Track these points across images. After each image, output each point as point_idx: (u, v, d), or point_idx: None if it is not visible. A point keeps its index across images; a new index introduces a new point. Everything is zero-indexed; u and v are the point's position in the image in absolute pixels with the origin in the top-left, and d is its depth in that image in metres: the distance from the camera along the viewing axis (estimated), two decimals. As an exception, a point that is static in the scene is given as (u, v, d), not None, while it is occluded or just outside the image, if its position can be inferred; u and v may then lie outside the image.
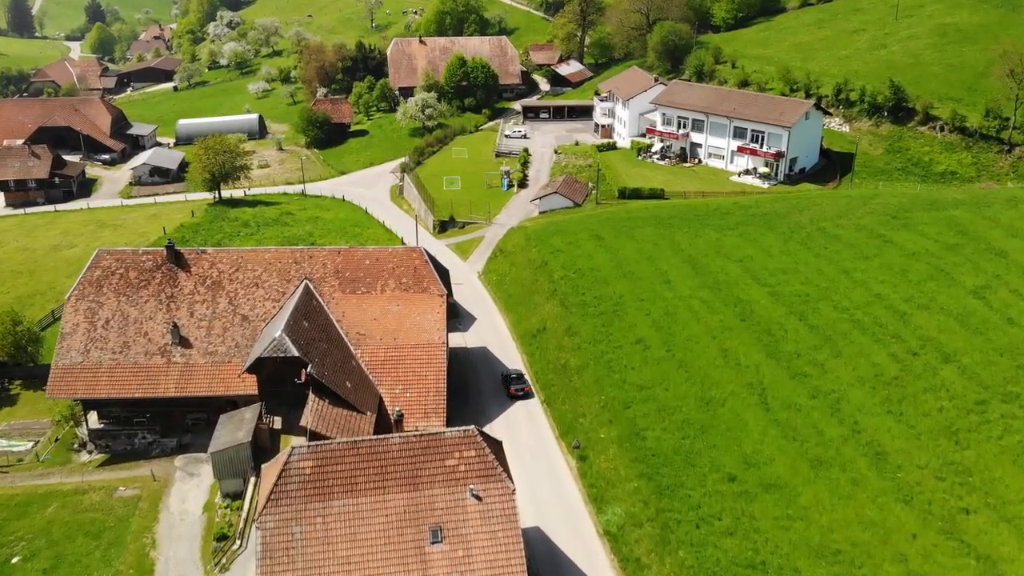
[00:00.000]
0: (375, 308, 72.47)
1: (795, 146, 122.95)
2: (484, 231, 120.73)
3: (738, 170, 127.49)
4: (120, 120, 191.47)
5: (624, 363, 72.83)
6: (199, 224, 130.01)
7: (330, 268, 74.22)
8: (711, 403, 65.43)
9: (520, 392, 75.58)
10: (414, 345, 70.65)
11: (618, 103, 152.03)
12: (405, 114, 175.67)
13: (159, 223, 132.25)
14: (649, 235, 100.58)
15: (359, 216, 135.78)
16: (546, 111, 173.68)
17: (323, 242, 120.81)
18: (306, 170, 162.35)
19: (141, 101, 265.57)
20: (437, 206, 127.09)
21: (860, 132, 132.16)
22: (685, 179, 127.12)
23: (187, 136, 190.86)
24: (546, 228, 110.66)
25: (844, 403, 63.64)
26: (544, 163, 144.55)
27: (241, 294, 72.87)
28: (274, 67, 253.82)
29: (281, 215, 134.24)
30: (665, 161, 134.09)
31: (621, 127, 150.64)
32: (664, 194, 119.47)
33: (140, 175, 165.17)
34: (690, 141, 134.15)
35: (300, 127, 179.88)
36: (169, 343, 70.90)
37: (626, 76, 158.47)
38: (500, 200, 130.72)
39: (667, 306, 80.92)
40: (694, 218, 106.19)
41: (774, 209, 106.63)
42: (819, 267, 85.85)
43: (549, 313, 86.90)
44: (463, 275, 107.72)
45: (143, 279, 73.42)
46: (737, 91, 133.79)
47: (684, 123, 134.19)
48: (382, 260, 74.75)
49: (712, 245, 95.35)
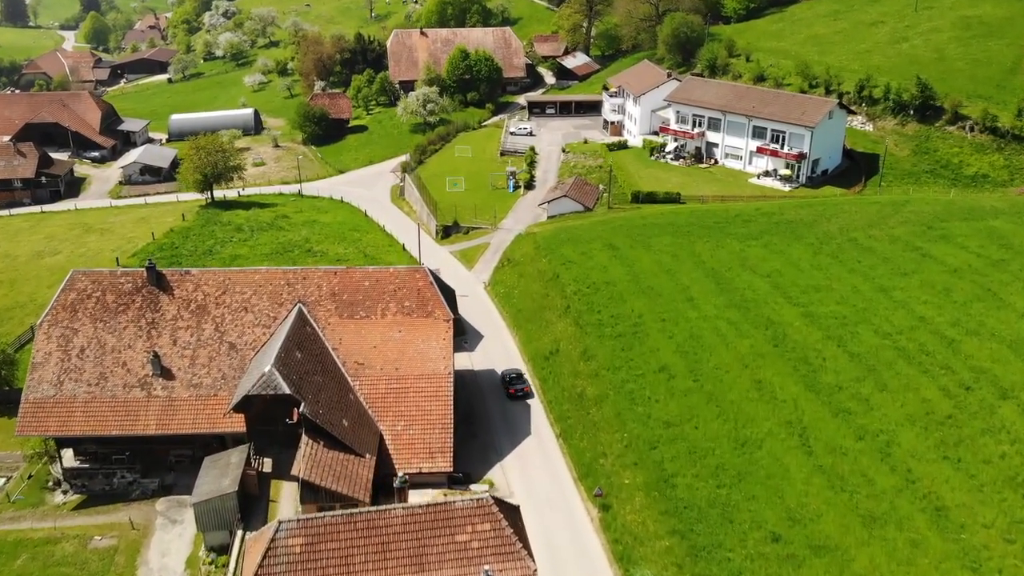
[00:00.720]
0: (375, 335, 66.27)
1: (818, 147, 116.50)
2: (490, 237, 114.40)
3: (757, 172, 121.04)
4: (110, 115, 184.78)
5: (647, 394, 66.61)
6: (190, 228, 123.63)
7: (326, 290, 67.95)
8: (747, 444, 59.23)
9: (520, 392, 74.16)
10: (418, 376, 64.48)
11: (628, 99, 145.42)
12: (406, 109, 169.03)
13: (148, 227, 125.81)
14: (667, 245, 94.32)
15: (358, 219, 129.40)
16: (552, 106, 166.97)
17: (320, 248, 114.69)
18: (303, 169, 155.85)
19: (135, 94, 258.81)
20: (440, 209, 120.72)
21: (884, 132, 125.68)
22: (701, 181, 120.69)
23: (180, 132, 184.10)
24: (556, 235, 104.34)
25: (894, 446, 57.49)
26: (551, 163, 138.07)
27: (228, 319, 66.63)
28: (271, 59, 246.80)
29: (276, 218, 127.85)
30: (680, 161, 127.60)
31: (632, 124, 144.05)
32: (680, 198, 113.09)
33: (130, 174, 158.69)
34: (706, 141, 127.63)
35: (297, 123, 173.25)
36: (150, 374, 64.74)
37: (637, 70, 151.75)
38: (506, 203, 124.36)
39: (691, 328, 74.67)
40: (714, 226, 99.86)
41: (799, 216, 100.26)
42: (854, 284, 79.56)
43: (562, 332, 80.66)
44: (468, 286, 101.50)
45: (121, 303, 67.16)
46: (756, 88, 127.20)
47: (700, 121, 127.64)
48: (382, 281, 68.46)
49: (736, 257, 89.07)
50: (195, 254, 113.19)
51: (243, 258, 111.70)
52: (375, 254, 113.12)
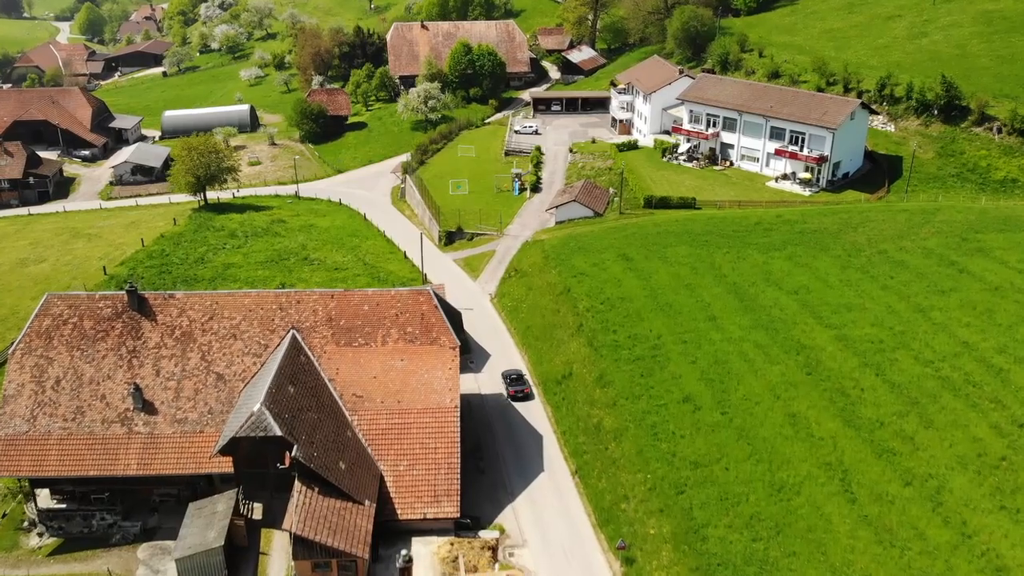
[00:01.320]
0: (375, 364, 61.02)
1: (839, 149, 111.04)
2: (495, 244, 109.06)
3: (775, 175, 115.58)
4: (102, 112, 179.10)
5: (671, 428, 61.40)
6: (181, 234, 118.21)
7: (321, 315, 62.64)
8: (784, 490, 54.05)
9: (520, 394, 73.92)
10: (421, 410, 59.28)
11: (638, 96, 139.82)
12: (407, 106, 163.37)
13: (138, 232, 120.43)
14: (684, 256, 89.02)
15: (357, 223, 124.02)
16: (558, 103, 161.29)
17: (317, 256, 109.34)
18: (300, 169, 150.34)
19: (128, 88, 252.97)
20: (443, 215, 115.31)
21: (907, 133, 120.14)
22: (717, 185, 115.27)
23: (173, 129, 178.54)
24: (565, 244, 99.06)
25: (945, 493, 52.33)
26: (559, 164, 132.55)
27: (216, 348, 61.34)
28: (268, 52, 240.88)
29: (272, 223, 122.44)
30: (693, 163, 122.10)
31: (642, 123, 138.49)
32: (696, 203, 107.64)
33: (121, 174, 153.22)
34: (720, 141, 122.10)
35: (294, 120, 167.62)
36: (130, 408, 59.54)
37: (646, 66, 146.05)
38: (511, 207, 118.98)
39: (716, 352, 69.41)
40: (733, 235, 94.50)
41: (824, 225, 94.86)
42: (888, 303, 74.24)
43: (575, 354, 75.43)
44: (474, 298, 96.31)
45: (100, 330, 61.88)
46: (773, 87, 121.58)
47: (714, 121, 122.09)
48: (383, 305, 63.14)
49: (758, 270, 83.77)
50: (186, 262, 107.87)
51: (236, 267, 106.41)
52: (375, 262, 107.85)
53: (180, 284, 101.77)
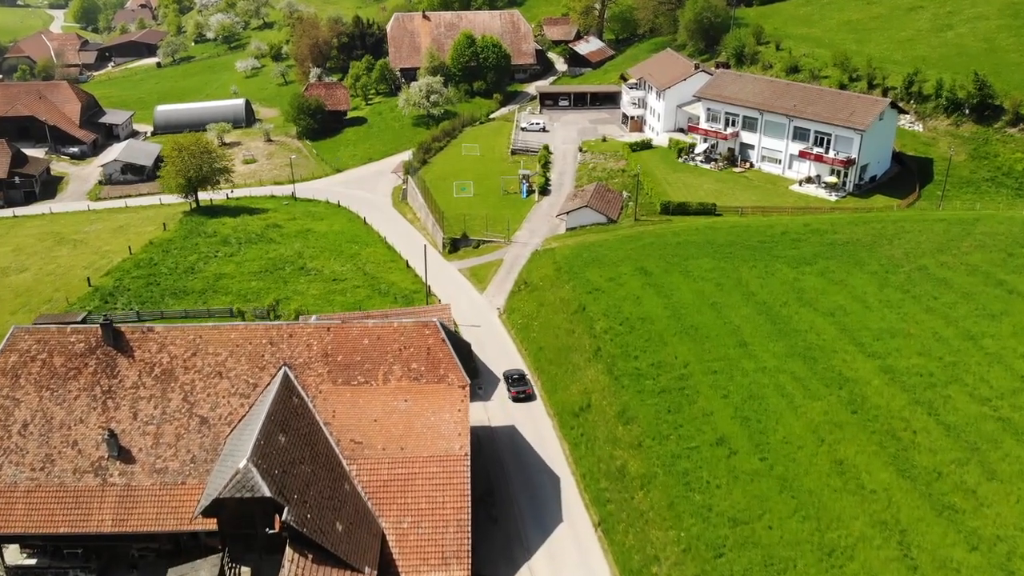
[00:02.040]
0: (375, 405, 55.06)
1: (867, 151, 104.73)
2: (503, 252, 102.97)
3: (798, 178, 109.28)
4: (92, 107, 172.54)
5: (705, 476, 55.48)
6: (171, 240, 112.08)
7: (316, 350, 56.59)
8: (835, 554, 48.14)
9: (522, 395, 72.83)
10: (428, 458, 53.34)
11: (651, 92, 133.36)
12: (408, 101, 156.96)
13: (126, 238, 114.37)
14: (707, 270, 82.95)
15: (356, 228, 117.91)
16: (566, 98, 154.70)
17: (314, 265, 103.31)
18: (297, 167, 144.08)
19: (122, 79, 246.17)
20: (447, 220, 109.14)
21: (936, 133, 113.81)
22: (737, 188, 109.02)
23: (166, 124, 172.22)
24: (578, 254, 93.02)
25: (1017, 560, 46.39)
26: (568, 164, 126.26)
27: (200, 388, 55.34)
28: (264, 42, 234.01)
29: (266, 228, 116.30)
30: (711, 164, 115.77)
31: (655, 120, 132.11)
32: (716, 209, 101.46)
33: (111, 173, 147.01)
34: (740, 142, 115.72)
35: (291, 116, 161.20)
36: (105, 456, 53.61)
37: (659, 61, 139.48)
38: (519, 210, 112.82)
39: (749, 384, 63.41)
40: (759, 246, 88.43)
41: (855, 236, 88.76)
42: (934, 328, 68.16)
43: (593, 382, 69.48)
44: (481, 313, 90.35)
45: (72, 367, 55.89)
46: (797, 84, 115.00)
47: (733, 120, 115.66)
48: (385, 339, 57.08)
49: (789, 288, 77.70)
50: (175, 272, 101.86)
51: (228, 277, 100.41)
52: (376, 272, 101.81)
53: (168, 297, 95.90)
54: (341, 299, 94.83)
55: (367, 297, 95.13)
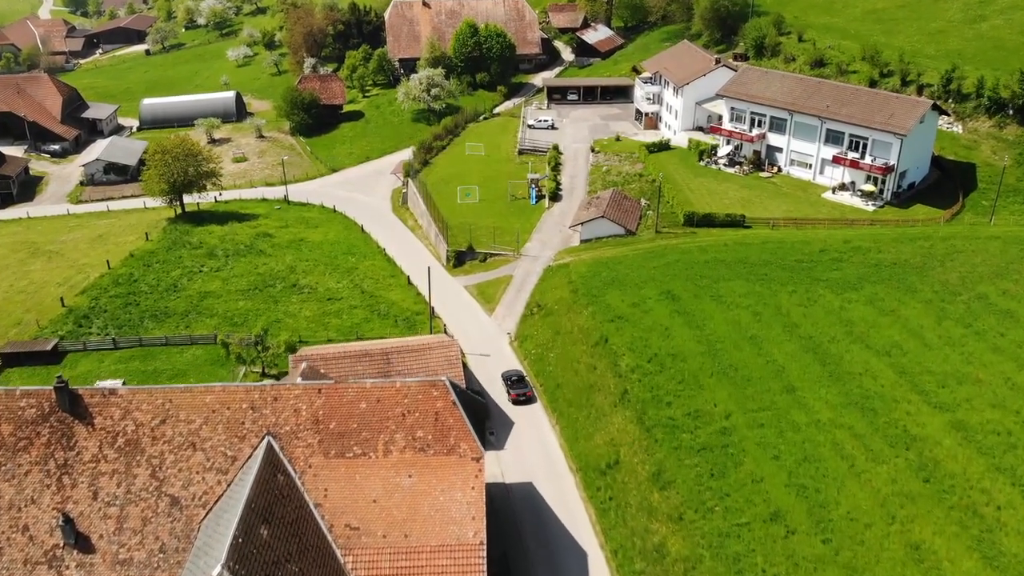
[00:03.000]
0: (375, 483, 47.18)
1: (907, 157, 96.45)
2: (512, 267, 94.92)
3: (831, 184, 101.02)
4: (74, 100, 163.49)
5: (760, 563, 47.70)
6: (153, 252, 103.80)
7: (305, 416, 48.60)
8: (924, 675, 40.37)
9: (522, 397, 71.09)
10: (436, 547, 45.52)
11: (667, 88, 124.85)
12: (407, 95, 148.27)
13: (105, 249, 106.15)
14: (742, 295, 75.02)
15: (353, 237, 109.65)
16: (575, 92, 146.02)
17: (307, 281, 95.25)
18: (290, 167, 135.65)
19: (109, 67, 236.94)
20: (451, 231, 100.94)
21: (978, 135, 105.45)
22: (765, 196, 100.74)
23: (152, 119, 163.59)
24: (595, 272, 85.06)
25: None
26: (579, 166, 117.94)
27: (170, 461, 47.39)
28: (257, 29, 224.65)
29: (256, 237, 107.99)
30: (735, 168, 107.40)
31: (672, 118, 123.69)
32: (745, 221, 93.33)
33: (92, 173, 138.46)
34: (767, 144, 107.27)
35: (283, 110, 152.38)
36: (60, 544, 45.70)
37: (676, 53, 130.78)
38: (528, 218, 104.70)
39: (803, 442, 55.60)
40: (796, 266, 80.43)
41: (902, 256, 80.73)
42: (1006, 373, 60.35)
43: (621, 432, 61.67)
44: (490, 339, 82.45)
45: (23, 437, 47.91)
46: (829, 83, 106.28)
47: (760, 121, 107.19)
48: (386, 402, 49.09)
49: (836, 318, 69.78)
50: (156, 290, 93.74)
51: (214, 296, 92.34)
52: (374, 289, 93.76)
53: (148, 319, 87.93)
54: (336, 322, 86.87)
55: (365, 320, 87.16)
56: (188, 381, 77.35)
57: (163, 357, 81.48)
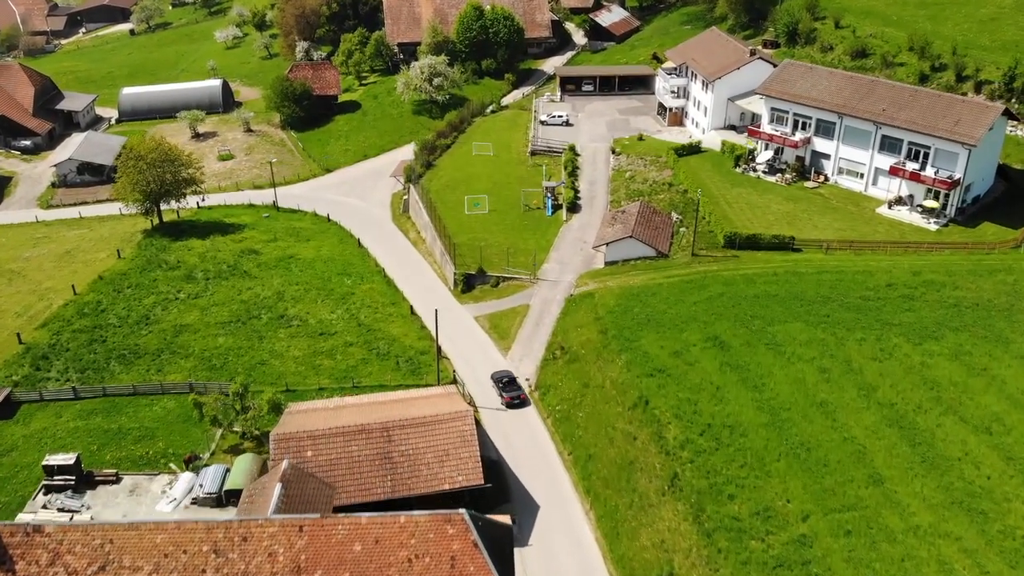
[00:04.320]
0: (377, 647, 36.40)
1: (974, 169, 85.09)
2: (529, 294, 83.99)
3: (886, 198, 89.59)
4: (48, 91, 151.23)
5: None
6: (125, 274, 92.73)
7: (284, 562, 37.85)
8: None
9: (516, 400, 68.55)
10: None
11: (695, 81, 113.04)
12: (408, 85, 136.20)
13: (72, 268, 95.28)
14: (803, 342, 64.30)
15: (349, 253, 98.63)
16: (590, 82, 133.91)
17: (296, 310, 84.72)
18: (280, 166, 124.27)
19: (92, 49, 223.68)
20: (459, 249, 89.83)
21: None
22: (812, 210, 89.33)
23: (133, 110, 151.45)
24: (626, 306, 74.28)
25: None
26: (599, 170, 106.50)
27: (110, 623, 36.66)
28: (247, 7, 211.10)
29: (241, 255, 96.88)
30: (776, 177, 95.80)
31: (700, 115, 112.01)
32: (794, 243, 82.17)
33: (65, 173, 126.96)
34: (812, 150, 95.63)
35: (273, 102, 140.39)
36: None
37: (704, 42, 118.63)
38: (545, 234, 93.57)
39: (901, 558, 45.04)
40: (862, 305, 69.48)
41: (983, 294, 69.77)
42: None
43: (673, 533, 51.11)
44: (506, 388, 71.58)
45: (-83, 588, 37.12)
46: (885, 82, 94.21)
47: (805, 124, 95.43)
48: (387, 542, 38.31)
49: (918, 378, 59.02)
50: (126, 324, 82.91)
51: (190, 330, 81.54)
52: (373, 321, 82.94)
53: (115, 361, 77.19)
54: (329, 364, 76.13)
55: (362, 361, 76.40)
56: (156, 442, 66.99)
57: (130, 411, 70.83)
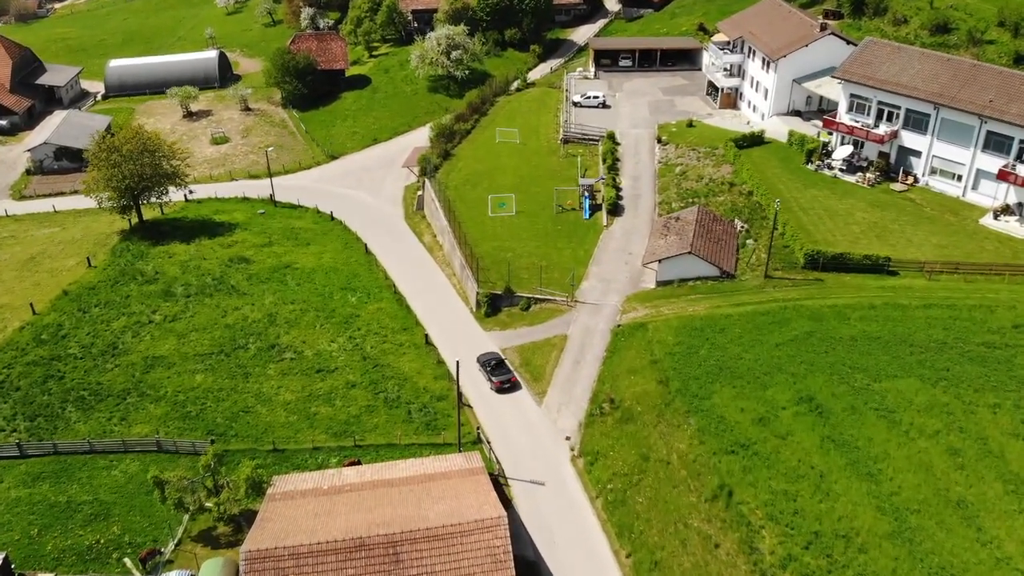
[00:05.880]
0: None
1: (1105, 170, 70.35)
2: (565, 321, 70.37)
3: (991, 205, 74.85)
4: (28, 63, 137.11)
5: None
6: (95, 288, 79.44)
7: None
8: None
9: (507, 384, 62.95)
10: None
11: (752, 58, 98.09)
12: (423, 59, 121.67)
13: (34, 279, 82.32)
14: (920, 408, 50.71)
15: (354, 261, 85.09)
16: (628, 56, 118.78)
17: (290, 339, 72.28)
18: (280, 151, 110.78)
19: (86, 14, 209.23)
20: (482, 263, 76.10)
21: None
22: (903, 220, 74.73)
23: (120, 84, 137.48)
24: (689, 345, 60.70)
25: None
26: (643, 163, 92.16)
27: None
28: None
29: (229, 265, 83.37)
30: (856, 177, 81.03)
31: (758, 97, 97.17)
32: (889, 265, 67.90)
33: (41, 159, 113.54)
34: (899, 145, 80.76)
35: (274, 77, 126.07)
36: None
37: (763, 13, 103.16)
38: (582, 241, 79.77)
39: None
40: (986, 355, 55.59)
41: None
42: None
43: None
44: (542, 450, 58.62)
45: None
46: (990, 67, 78.49)
47: (892, 115, 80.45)
48: None
49: (1084, 470, 45.06)
50: (89, 355, 69.91)
51: (164, 364, 68.53)
52: (380, 354, 69.65)
53: (72, 404, 64.25)
54: (327, 413, 62.96)
55: (367, 409, 63.18)
56: (111, 524, 54.26)
57: (84, 476, 58.05)
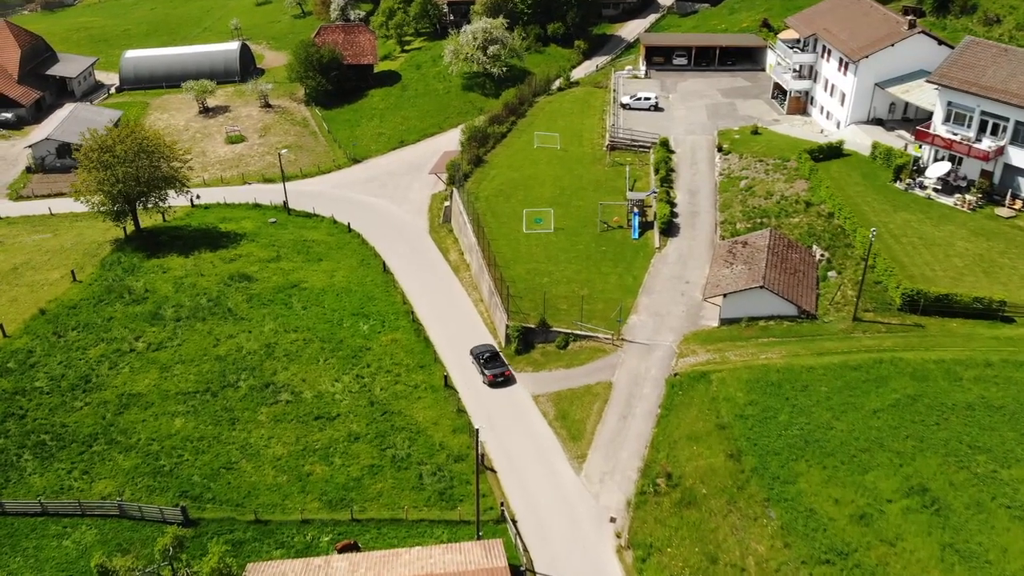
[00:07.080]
0: None
1: None
2: (611, 363, 59.46)
3: (1123, 235, 62.64)
4: (39, 53, 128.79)
5: None
6: (75, 308, 69.98)
7: None
8: None
9: (501, 378, 58.79)
10: None
11: (827, 59, 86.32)
12: (457, 54, 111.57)
13: (11, 295, 73.13)
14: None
15: (370, 281, 74.79)
16: (683, 53, 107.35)
17: (288, 377, 62.06)
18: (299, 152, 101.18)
19: (113, 2, 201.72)
20: (514, 290, 65.43)
21: None
22: (1013, 252, 62.64)
23: (136, 76, 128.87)
24: (766, 409, 49.85)
25: None
26: (701, 175, 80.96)
27: None
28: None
29: (229, 281, 73.54)
30: (954, 199, 68.95)
31: (833, 103, 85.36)
32: (1003, 311, 56.11)
33: (42, 156, 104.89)
34: (1005, 163, 68.50)
35: (296, 72, 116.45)
36: None
37: (840, 8, 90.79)
38: (630, 265, 68.78)
39: None
40: None
41: None
42: None
43: None
44: (580, 533, 47.62)
45: None
46: None
47: (998, 127, 68.23)
48: None
49: None
50: (57, 389, 60.41)
51: (140, 403, 58.79)
52: (391, 399, 59.28)
53: (30, 451, 54.67)
54: (322, 473, 52.65)
55: (370, 470, 52.85)
56: (52, 614, 44.20)
57: (31, 545, 48.55)
